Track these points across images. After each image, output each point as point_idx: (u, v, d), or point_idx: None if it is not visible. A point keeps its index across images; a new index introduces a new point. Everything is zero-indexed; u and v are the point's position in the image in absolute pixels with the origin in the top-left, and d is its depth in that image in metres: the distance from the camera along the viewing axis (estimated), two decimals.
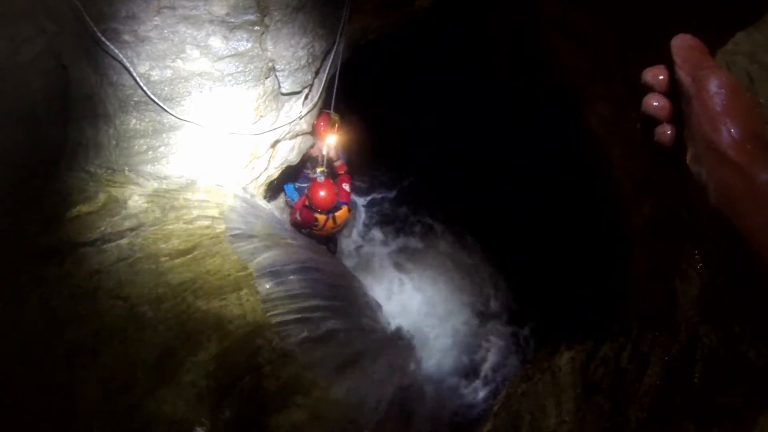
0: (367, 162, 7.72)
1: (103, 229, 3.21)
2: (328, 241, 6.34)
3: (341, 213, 5.51)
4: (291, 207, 5.87)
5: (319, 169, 5.22)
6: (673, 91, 0.68)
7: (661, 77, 0.70)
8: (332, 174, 5.65)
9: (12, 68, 3.18)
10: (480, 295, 7.55)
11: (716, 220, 0.58)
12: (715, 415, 1.79)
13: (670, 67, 0.67)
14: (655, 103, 0.70)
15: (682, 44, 0.66)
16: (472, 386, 6.00)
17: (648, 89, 0.71)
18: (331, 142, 5.29)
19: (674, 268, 2.41)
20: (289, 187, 5.85)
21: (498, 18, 6.91)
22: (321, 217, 5.34)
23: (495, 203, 8.09)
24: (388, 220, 8.48)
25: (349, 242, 7.74)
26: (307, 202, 5.24)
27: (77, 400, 2.60)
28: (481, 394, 3.85)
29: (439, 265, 8.00)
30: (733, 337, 1.82)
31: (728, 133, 0.57)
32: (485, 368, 6.36)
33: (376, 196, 8.54)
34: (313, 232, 5.67)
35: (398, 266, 7.97)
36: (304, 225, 5.41)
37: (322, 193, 5.10)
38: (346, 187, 5.54)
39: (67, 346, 2.73)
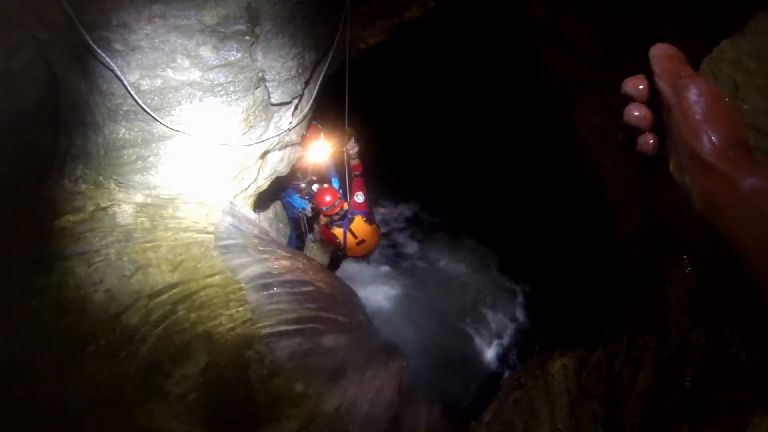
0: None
1: (91, 239, 3.18)
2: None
3: (356, 225, 5.56)
4: (298, 217, 5.92)
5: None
6: (654, 100, 0.68)
7: (641, 87, 0.70)
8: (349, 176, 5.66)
9: (3, 75, 3.17)
10: (472, 303, 7.55)
11: (702, 227, 0.58)
12: (709, 417, 1.79)
13: (650, 76, 0.67)
14: (636, 113, 0.70)
15: (660, 53, 0.67)
16: (464, 394, 5.97)
17: (629, 99, 0.72)
18: (325, 154, 5.35)
19: (664, 273, 2.42)
20: (294, 198, 5.84)
21: (494, 26, 6.97)
22: (339, 232, 5.49)
23: (487, 210, 8.13)
24: (383, 222, 8.51)
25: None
26: (326, 222, 5.47)
27: (66, 413, 2.56)
28: (474, 402, 3.84)
29: (429, 272, 8.00)
30: (724, 339, 1.82)
31: (709, 141, 0.57)
32: (477, 376, 6.34)
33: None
34: (347, 253, 5.84)
35: (389, 272, 7.97)
36: (329, 244, 5.65)
37: (328, 198, 5.32)
38: (359, 198, 5.52)
39: (55, 357, 2.70)
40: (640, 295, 2.77)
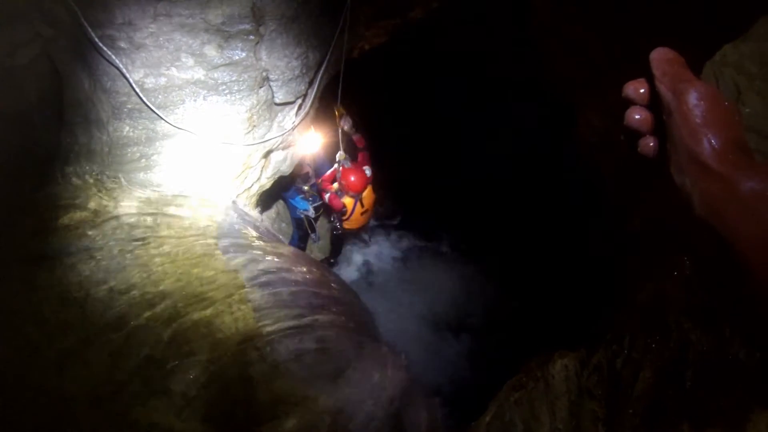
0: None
1: (94, 236, 3.19)
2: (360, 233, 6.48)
3: (367, 194, 5.76)
4: (300, 217, 5.92)
5: (340, 156, 5.41)
6: (655, 103, 0.69)
7: (641, 90, 0.71)
8: (352, 149, 5.76)
9: (7, 72, 3.18)
10: (473, 303, 7.54)
11: (702, 228, 0.59)
12: (709, 417, 1.80)
13: (651, 80, 0.68)
14: (637, 116, 0.71)
15: (660, 57, 0.67)
16: (464, 394, 5.97)
17: (630, 102, 0.72)
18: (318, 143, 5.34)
19: (665, 275, 2.43)
20: (296, 200, 5.87)
21: (497, 29, 6.97)
22: (349, 202, 5.58)
23: (489, 210, 8.12)
24: (381, 224, 8.51)
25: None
26: (336, 189, 5.47)
27: (67, 408, 2.57)
28: (474, 402, 3.84)
29: (430, 273, 8.00)
30: (724, 339, 1.83)
31: (709, 144, 0.58)
32: (477, 376, 6.34)
33: None
34: (344, 226, 5.91)
35: (388, 270, 7.96)
36: (334, 210, 5.71)
37: (353, 178, 5.41)
38: (367, 171, 5.69)
39: (57, 353, 2.70)
40: (641, 296, 2.78)
